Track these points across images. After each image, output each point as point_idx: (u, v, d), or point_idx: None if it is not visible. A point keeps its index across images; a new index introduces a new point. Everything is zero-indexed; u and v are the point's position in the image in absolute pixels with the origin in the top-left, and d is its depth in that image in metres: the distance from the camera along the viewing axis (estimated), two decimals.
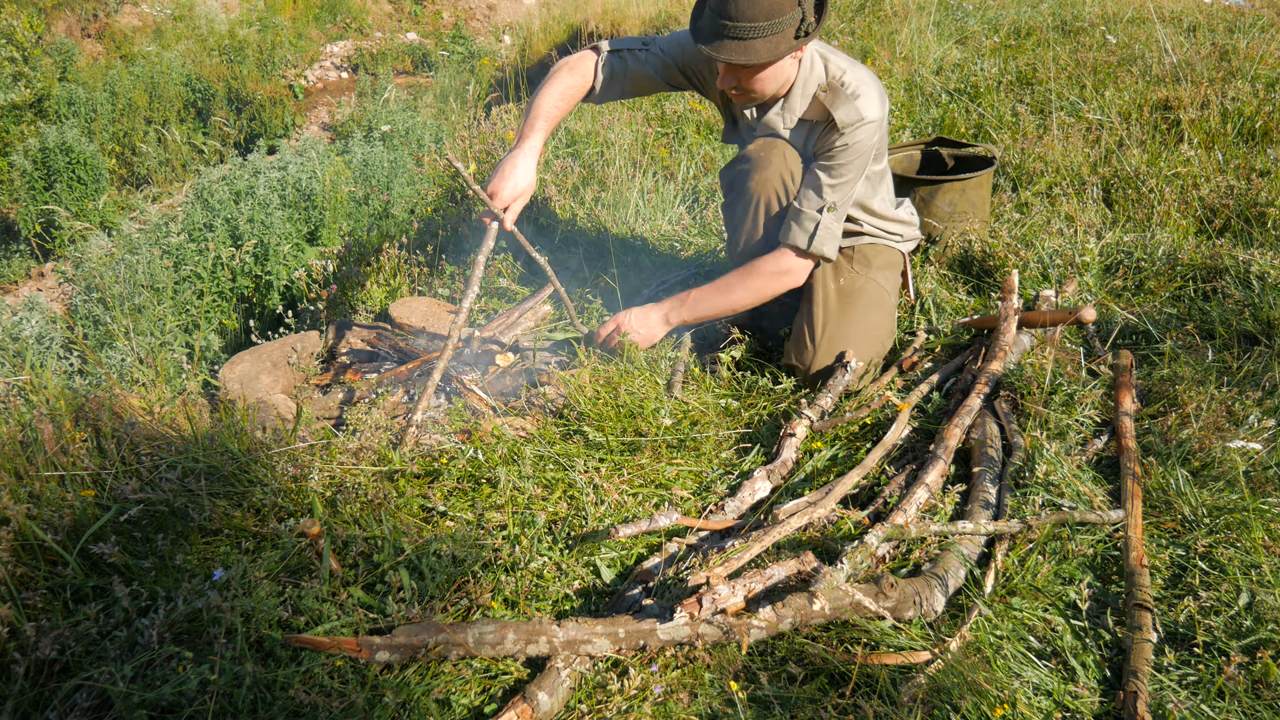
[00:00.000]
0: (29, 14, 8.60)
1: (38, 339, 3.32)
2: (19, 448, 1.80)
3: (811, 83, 2.23)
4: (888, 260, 2.53)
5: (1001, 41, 5.78)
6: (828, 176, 2.25)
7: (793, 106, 2.26)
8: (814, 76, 2.23)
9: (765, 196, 2.34)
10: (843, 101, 2.19)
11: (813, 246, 2.28)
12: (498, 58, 10.10)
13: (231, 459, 1.88)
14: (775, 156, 2.30)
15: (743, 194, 2.37)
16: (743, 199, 2.38)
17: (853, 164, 2.23)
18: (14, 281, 6.17)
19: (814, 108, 2.24)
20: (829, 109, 2.20)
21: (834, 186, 2.25)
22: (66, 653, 1.46)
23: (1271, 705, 1.43)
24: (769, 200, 2.35)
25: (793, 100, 2.25)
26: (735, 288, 2.37)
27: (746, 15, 1.98)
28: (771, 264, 2.34)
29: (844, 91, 2.19)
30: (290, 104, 9.36)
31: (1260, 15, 5.66)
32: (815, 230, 2.27)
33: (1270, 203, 3.14)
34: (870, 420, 2.24)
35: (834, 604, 1.59)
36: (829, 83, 2.21)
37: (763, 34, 2.01)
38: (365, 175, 4.99)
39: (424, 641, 1.49)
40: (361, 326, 2.79)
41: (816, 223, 2.27)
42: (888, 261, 2.53)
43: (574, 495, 1.98)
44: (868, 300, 2.44)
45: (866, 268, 2.47)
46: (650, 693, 1.49)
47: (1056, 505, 1.89)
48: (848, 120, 2.18)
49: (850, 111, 2.18)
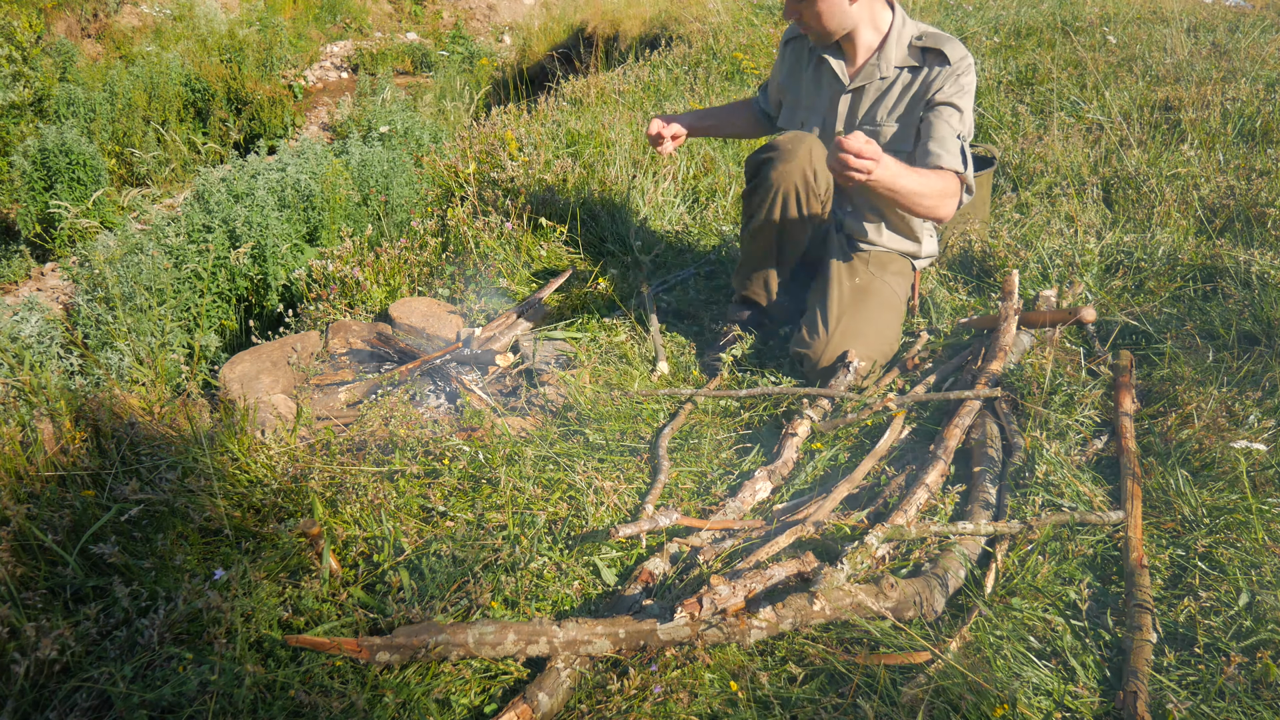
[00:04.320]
0: (29, 14, 8.60)
1: (37, 339, 3.32)
2: (19, 448, 1.80)
3: (905, 34, 2.33)
4: (900, 269, 2.58)
5: (1001, 41, 5.78)
6: (951, 109, 2.27)
7: (888, 56, 2.33)
8: (907, 30, 2.33)
9: (784, 187, 2.39)
10: (946, 42, 2.28)
11: (966, 170, 2.25)
12: (497, 58, 10.10)
13: (231, 459, 1.88)
14: (801, 150, 2.35)
15: (764, 182, 2.42)
16: (763, 186, 2.43)
17: (968, 98, 2.28)
18: (14, 281, 6.16)
19: (913, 53, 2.32)
20: (936, 47, 2.28)
21: (961, 117, 2.27)
22: (66, 653, 1.46)
23: (1271, 705, 1.43)
24: (787, 191, 2.39)
25: (888, 51, 2.33)
26: (928, 181, 2.15)
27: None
28: (940, 182, 2.20)
29: (943, 37, 2.29)
30: (290, 104, 9.37)
31: (1261, 16, 5.66)
32: (963, 153, 2.26)
33: (1270, 203, 3.14)
34: (872, 422, 2.24)
35: (834, 604, 1.59)
36: (924, 34, 2.31)
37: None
38: (363, 176, 4.99)
39: (424, 641, 1.49)
40: (361, 326, 2.79)
41: (961, 148, 2.26)
42: (900, 270, 2.58)
43: (574, 495, 1.98)
44: (880, 300, 2.47)
45: (881, 270, 2.52)
46: (650, 693, 1.49)
47: (1056, 505, 1.89)
48: (957, 55, 2.26)
49: (956, 48, 2.27)
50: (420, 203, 4.55)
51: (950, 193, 2.21)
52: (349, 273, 3.20)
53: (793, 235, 2.47)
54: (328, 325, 2.83)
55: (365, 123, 7.74)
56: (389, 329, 2.81)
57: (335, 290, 3.18)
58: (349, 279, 3.20)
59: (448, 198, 4.10)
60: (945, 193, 2.19)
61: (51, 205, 5.88)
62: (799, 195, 2.39)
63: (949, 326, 2.66)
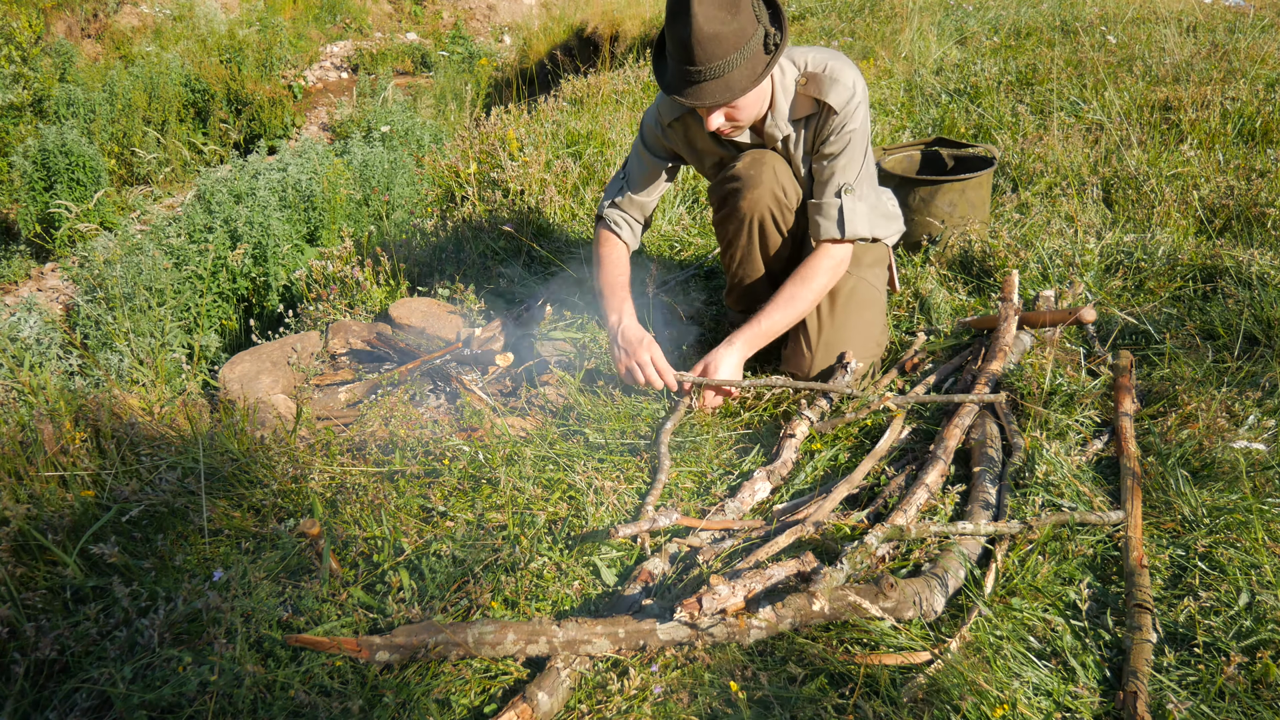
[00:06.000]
0: (29, 14, 8.60)
1: (37, 340, 3.32)
2: (19, 448, 1.80)
3: (789, 82, 2.22)
4: (875, 257, 2.51)
5: (1001, 41, 5.78)
6: (836, 162, 2.24)
7: (781, 111, 2.24)
8: (788, 77, 2.22)
9: (758, 214, 2.33)
10: (828, 85, 2.17)
11: (846, 233, 2.27)
12: (497, 58, 10.11)
13: (231, 459, 1.88)
14: (765, 174, 2.28)
15: (735, 212, 2.36)
16: (735, 217, 2.37)
17: (856, 142, 2.23)
18: (14, 282, 6.17)
19: (800, 104, 2.22)
20: (818, 97, 2.18)
21: (844, 168, 2.24)
22: (66, 653, 1.46)
23: (1271, 705, 1.43)
24: (762, 217, 2.34)
25: (779, 106, 2.23)
26: (799, 298, 2.30)
27: (715, 54, 1.95)
28: (822, 262, 2.30)
29: (824, 76, 2.17)
30: (290, 104, 9.37)
31: (1261, 16, 5.66)
32: (840, 216, 2.26)
33: (1270, 203, 3.14)
34: (870, 422, 2.24)
35: (834, 604, 1.59)
36: (804, 75, 2.20)
37: (735, 65, 1.98)
38: (365, 176, 4.99)
39: (424, 641, 1.49)
40: (361, 326, 2.79)
41: (838, 208, 2.26)
42: (875, 258, 2.51)
43: (574, 495, 1.98)
44: (860, 301, 2.43)
45: (856, 267, 2.45)
46: (650, 693, 1.49)
47: (1056, 506, 1.89)
48: (841, 100, 2.17)
49: (840, 92, 2.16)
50: (421, 203, 4.55)
51: (835, 262, 2.30)
52: (349, 273, 3.20)
53: (776, 252, 2.45)
54: (328, 325, 2.83)
55: (366, 123, 7.74)
56: (389, 329, 2.81)
57: (335, 290, 3.18)
58: (349, 279, 3.20)
59: (449, 197, 4.10)
60: (828, 275, 2.31)
61: (53, 206, 5.89)
62: (774, 216, 2.34)
63: (949, 326, 2.65)
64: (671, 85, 2.05)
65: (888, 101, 4.95)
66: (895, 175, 3.21)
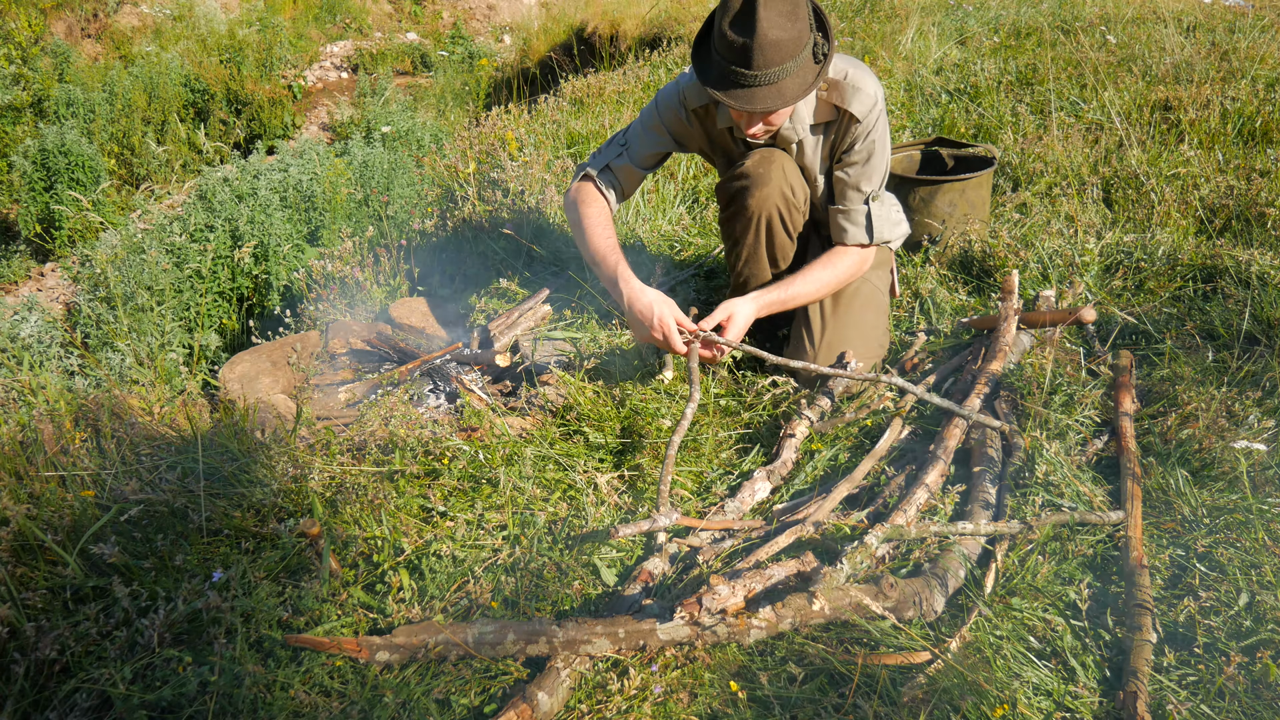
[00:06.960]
0: (28, 14, 8.60)
1: (37, 339, 3.32)
2: (19, 448, 1.80)
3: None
4: (879, 260, 2.52)
5: (1001, 41, 5.78)
6: (860, 169, 2.25)
7: (800, 116, 2.23)
8: None
9: (766, 213, 2.33)
10: (850, 94, 2.16)
11: (875, 238, 2.30)
12: (497, 58, 10.10)
13: (231, 459, 1.88)
14: (774, 172, 2.27)
15: (742, 210, 2.35)
16: (742, 215, 2.36)
17: (879, 149, 2.24)
18: (14, 282, 6.17)
19: (821, 110, 2.22)
20: (840, 105, 2.17)
21: (869, 176, 2.26)
22: (66, 653, 1.46)
23: (1271, 705, 1.43)
24: (770, 216, 2.33)
25: (799, 111, 2.22)
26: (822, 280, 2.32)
27: (774, 60, 1.92)
28: (848, 255, 2.33)
29: (845, 84, 2.16)
30: (290, 104, 9.36)
31: (1261, 16, 5.66)
32: (869, 222, 2.28)
33: (1270, 203, 3.14)
34: (870, 423, 2.24)
35: (834, 604, 1.59)
36: (825, 81, 2.18)
37: (789, 72, 1.96)
38: (365, 176, 4.99)
39: (424, 641, 1.49)
40: (361, 326, 2.79)
41: (866, 214, 2.28)
42: (879, 261, 2.52)
43: (574, 495, 1.98)
44: (862, 301, 2.44)
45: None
46: (650, 693, 1.49)
47: (1056, 505, 1.89)
48: (865, 109, 2.17)
49: (863, 100, 2.16)
50: (420, 203, 4.55)
51: (854, 268, 2.35)
52: (349, 273, 3.20)
53: (783, 251, 2.45)
54: (328, 325, 2.83)
55: (366, 123, 7.74)
56: (389, 329, 2.81)
57: (335, 290, 3.18)
58: (349, 279, 3.20)
59: (448, 197, 4.10)
60: (850, 272, 2.35)
61: (63, 201, 5.89)
62: (781, 215, 2.34)
63: (949, 326, 2.65)
64: (717, 83, 2.01)
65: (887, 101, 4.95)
66: (895, 175, 3.21)
